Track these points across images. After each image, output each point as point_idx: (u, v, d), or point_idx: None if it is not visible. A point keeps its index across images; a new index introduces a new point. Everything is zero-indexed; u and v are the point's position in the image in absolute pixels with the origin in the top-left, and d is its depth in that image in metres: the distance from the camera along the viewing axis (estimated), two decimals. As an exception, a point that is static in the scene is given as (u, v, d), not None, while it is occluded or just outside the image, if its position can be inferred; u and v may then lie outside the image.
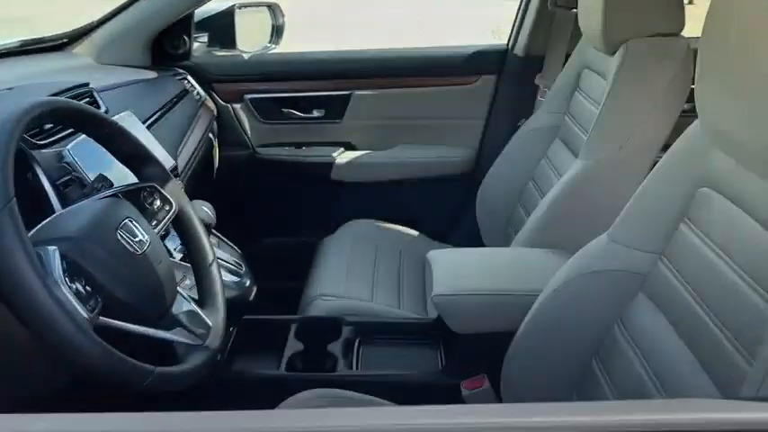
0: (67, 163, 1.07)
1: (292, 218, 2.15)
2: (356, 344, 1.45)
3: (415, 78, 2.06)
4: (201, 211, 1.24)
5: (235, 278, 1.35)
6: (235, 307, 1.29)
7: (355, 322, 1.48)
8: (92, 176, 1.05)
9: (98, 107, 1.31)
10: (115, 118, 1.22)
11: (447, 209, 2.13)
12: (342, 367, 1.37)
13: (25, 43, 1.66)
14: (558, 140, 1.74)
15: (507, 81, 2.04)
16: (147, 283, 0.86)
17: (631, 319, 0.95)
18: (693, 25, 1.31)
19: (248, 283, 1.37)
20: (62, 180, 1.05)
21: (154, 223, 0.98)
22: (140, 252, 0.86)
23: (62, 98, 1.11)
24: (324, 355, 1.41)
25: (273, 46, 2.08)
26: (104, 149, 1.01)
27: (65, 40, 1.80)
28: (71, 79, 1.33)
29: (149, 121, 1.50)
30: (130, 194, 0.97)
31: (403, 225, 1.97)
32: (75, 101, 1.04)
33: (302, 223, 2.14)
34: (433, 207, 2.11)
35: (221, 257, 1.36)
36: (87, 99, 1.29)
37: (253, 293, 1.37)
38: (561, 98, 1.74)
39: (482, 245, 1.91)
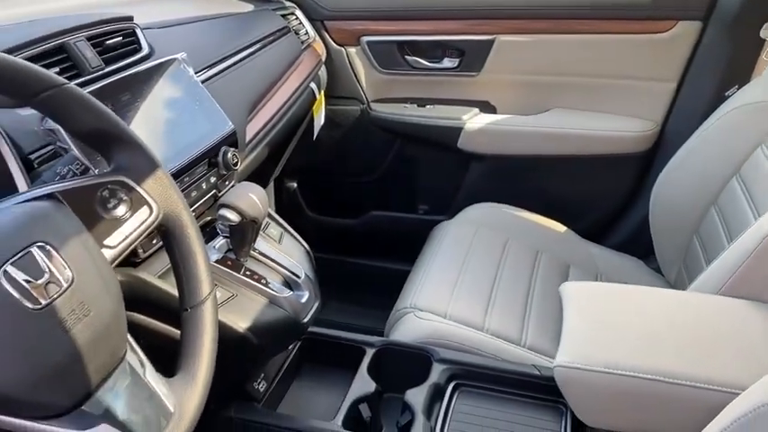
0: (51, 129, 0.77)
1: (407, 191, 1.85)
2: (447, 394, 1.06)
3: (582, 22, 1.58)
4: (229, 209, 0.89)
5: (285, 291, 0.99)
6: (279, 334, 0.97)
7: (452, 361, 1.10)
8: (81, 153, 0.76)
9: (139, 47, 1.03)
10: (156, 62, 0.97)
11: (608, 199, 1.71)
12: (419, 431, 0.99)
13: None
14: (790, 125, 1.21)
15: (717, 30, 1.49)
16: (41, 359, 0.52)
17: None
18: None
19: (305, 297, 1.02)
20: (38, 152, 0.79)
21: (114, 238, 0.64)
22: (40, 306, 0.53)
23: None
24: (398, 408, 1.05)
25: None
26: None
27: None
28: (122, 11, 1.05)
29: (218, 68, 1.20)
30: (78, 194, 0.63)
31: (545, 215, 1.59)
32: None
33: (417, 199, 1.86)
34: (588, 194, 1.70)
35: (271, 257, 1.02)
36: (120, 38, 0.99)
37: (310, 313, 1.02)
38: (803, 60, 1.22)
39: (650, 252, 1.47)
